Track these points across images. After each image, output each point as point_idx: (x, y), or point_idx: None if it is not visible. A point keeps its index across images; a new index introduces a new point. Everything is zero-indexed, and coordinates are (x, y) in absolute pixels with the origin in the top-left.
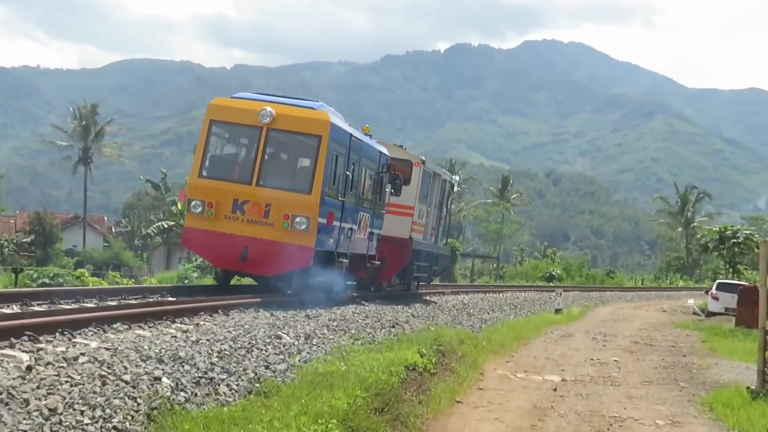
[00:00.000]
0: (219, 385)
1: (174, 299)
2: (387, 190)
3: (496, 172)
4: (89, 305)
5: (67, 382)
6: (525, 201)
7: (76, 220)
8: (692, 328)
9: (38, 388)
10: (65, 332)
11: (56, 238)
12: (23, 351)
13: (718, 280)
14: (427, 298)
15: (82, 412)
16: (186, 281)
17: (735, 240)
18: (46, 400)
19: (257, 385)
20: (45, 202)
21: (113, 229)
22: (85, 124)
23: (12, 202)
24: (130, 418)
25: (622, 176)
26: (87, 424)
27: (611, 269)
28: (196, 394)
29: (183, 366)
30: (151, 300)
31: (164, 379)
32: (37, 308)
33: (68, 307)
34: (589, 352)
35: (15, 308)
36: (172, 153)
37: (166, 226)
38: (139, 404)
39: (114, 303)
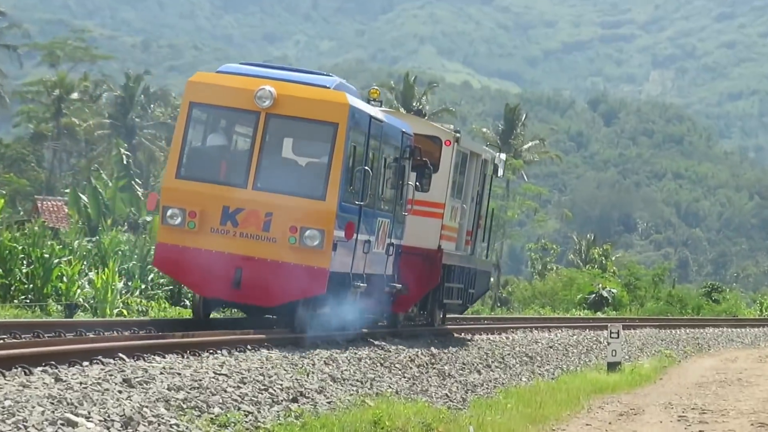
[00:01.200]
0: None
1: None
2: (410, 183)
3: (494, 100)
4: None
5: None
6: (550, 154)
7: None
8: None
9: None
10: None
11: None
12: None
13: None
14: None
15: None
16: None
17: None
18: None
19: None
20: None
21: None
22: None
23: None
24: None
25: (737, 106)
26: None
27: (715, 285)
28: None
29: None
30: None
31: None
32: None
33: None
34: None
35: None
36: None
37: None
38: None
39: None
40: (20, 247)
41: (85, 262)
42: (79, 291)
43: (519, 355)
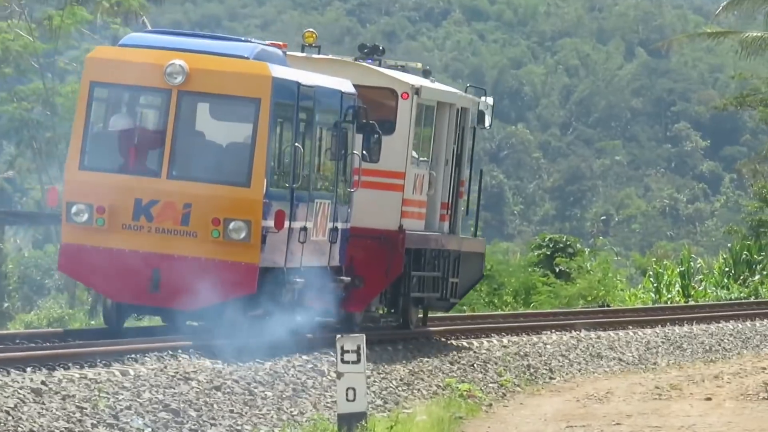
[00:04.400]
0: None
1: None
2: (355, 152)
3: None
4: None
5: None
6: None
7: None
8: None
9: None
10: None
11: None
12: None
13: None
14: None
15: None
16: None
17: None
18: None
19: None
20: None
21: None
22: None
23: None
24: None
25: None
26: None
27: (561, 240)
28: None
29: None
30: None
31: None
32: None
33: None
34: None
35: None
36: None
37: None
38: None
39: None
40: None
41: None
42: None
43: (150, 408)
